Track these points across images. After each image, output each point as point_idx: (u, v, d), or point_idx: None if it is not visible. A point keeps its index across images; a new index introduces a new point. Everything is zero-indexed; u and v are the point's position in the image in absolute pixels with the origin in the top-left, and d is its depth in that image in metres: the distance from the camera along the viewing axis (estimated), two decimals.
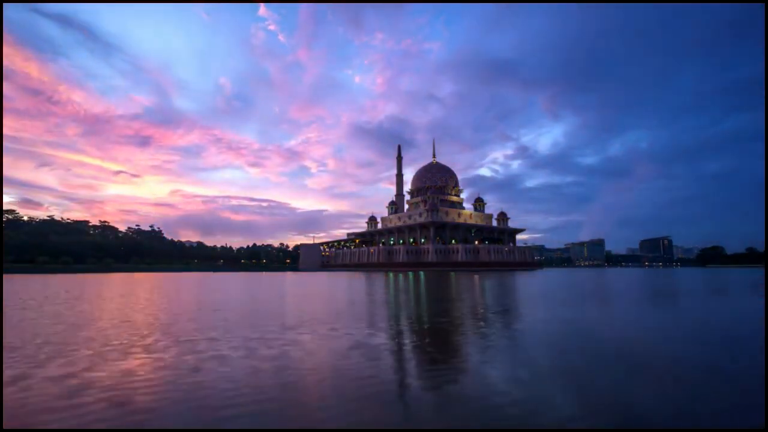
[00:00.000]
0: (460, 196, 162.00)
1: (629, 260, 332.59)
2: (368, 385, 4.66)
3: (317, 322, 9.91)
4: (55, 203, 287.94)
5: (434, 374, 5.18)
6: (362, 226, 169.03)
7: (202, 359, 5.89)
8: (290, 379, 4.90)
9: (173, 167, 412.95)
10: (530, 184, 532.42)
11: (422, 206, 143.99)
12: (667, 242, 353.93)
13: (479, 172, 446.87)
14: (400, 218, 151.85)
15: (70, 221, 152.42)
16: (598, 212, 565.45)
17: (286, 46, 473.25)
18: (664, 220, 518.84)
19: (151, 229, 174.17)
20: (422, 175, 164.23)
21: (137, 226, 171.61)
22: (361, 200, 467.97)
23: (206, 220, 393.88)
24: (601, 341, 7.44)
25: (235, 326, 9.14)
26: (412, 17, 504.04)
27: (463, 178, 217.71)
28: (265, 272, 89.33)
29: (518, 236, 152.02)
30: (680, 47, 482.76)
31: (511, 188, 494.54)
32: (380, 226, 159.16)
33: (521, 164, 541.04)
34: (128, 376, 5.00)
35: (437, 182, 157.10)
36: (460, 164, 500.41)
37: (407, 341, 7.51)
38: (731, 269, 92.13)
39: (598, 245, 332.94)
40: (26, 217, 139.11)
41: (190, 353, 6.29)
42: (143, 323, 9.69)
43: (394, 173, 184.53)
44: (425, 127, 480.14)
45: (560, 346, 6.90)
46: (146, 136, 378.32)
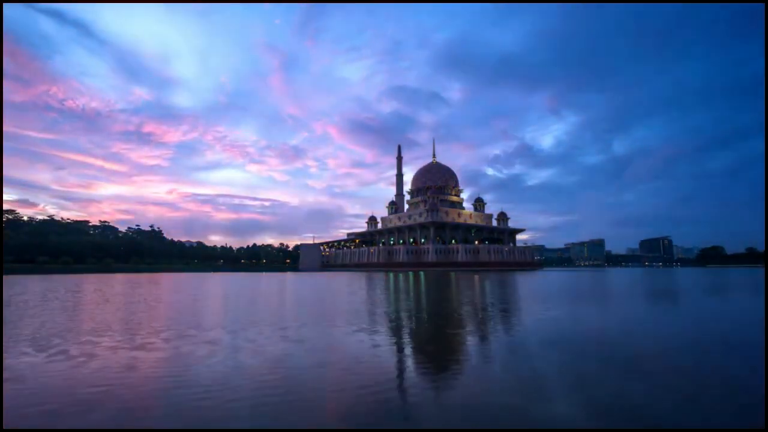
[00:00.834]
0: (460, 196, 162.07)
1: (629, 260, 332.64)
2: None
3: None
4: (51, 202, 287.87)
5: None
6: (362, 226, 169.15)
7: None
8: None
9: (173, 166, 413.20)
10: (530, 183, 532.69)
11: (422, 206, 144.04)
12: (667, 242, 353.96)
13: (479, 171, 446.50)
14: (400, 218, 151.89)
15: (70, 221, 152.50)
16: (598, 212, 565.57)
17: (287, 42, 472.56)
18: (664, 220, 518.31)
19: (151, 229, 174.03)
20: (422, 175, 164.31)
21: (137, 226, 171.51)
22: (361, 200, 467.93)
23: (206, 219, 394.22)
24: (603, 341, 7.42)
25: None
26: (412, 16, 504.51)
27: (463, 177, 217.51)
28: (264, 272, 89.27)
29: (518, 236, 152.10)
30: (684, 46, 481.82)
31: (511, 188, 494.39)
32: (380, 226, 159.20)
33: (521, 164, 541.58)
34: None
35: (437, 182, 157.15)
36: (460, 163, 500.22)
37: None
38: (731, 269, 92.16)
39: (598, 245, 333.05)
40: (26, 217, 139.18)
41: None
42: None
43: (394, 173, 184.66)
44: (426, 126, 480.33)
45: (572, 349, 6.88)
46: (145, 134, 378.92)
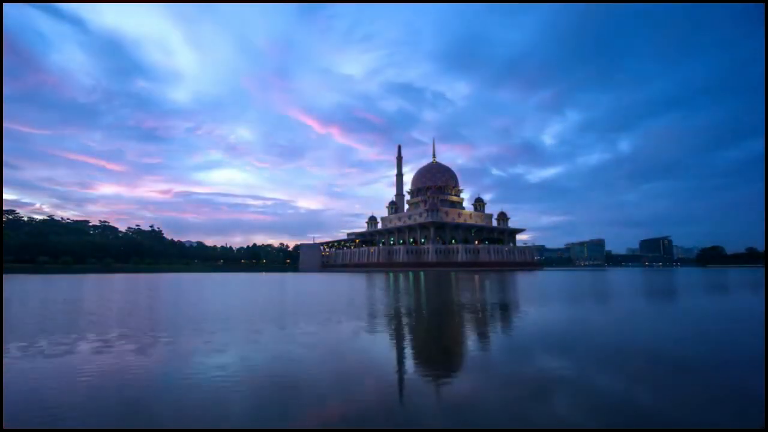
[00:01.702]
0: (460, 196, 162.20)
1: (629, 260, 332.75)
2: None
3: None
4: (47, 201, 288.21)
5: None
6: (362, 226, 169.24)
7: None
8: None
9: (172, 165, 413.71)
10: (531, 183, 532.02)
11: (422, 206, 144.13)
12: (667, 242, 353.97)
13: (480, 171, 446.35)
14: (400, 218, 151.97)
15: (70, 221, 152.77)
16: (598, 212, 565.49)
17: (288, 40, 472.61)
18: (664, 220, 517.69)
19: (151, 229, 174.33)
20: (422, 175, 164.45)
21: (137, 226, 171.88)
22: (361, 200, 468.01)
23: (205, 219, 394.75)
24: (603, 340, 7.42)
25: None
26: (413, 14, 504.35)
27: (463, 177, 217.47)
28: (264, 273, 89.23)
29: (518, 236, 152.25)
30: (686, 46, 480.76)
31: (511, 188, 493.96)
32: (380, 226, 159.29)
33: (522, 163, 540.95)
34: None
35: (437, 182, 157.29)
36: (460, 163, 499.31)
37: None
38: (731, 269, 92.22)
39: (598, 245, 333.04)
40: (26, 217, 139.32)
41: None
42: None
43: (394, 173, 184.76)
44: (426, 125, 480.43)
45: (571, 348, 6.88)
46: (145, 133, 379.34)
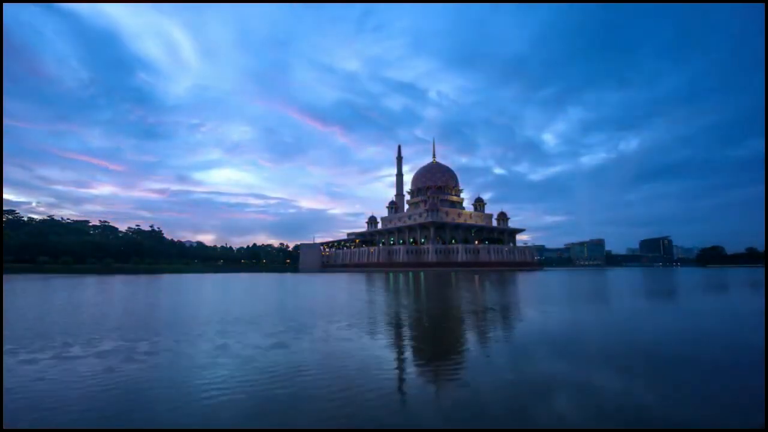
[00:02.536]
0: (460, 196, 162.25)
1: (629, 260, 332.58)
2: None
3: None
4: (44, 201, 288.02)
5: None
6: (362, 226, 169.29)
7: None
8: None
9: (172, 164, 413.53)
10: (531, 183, 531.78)
11: (422, 206, 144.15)
12: (667, 242, 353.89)
13: (480, 171, 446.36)
14: (400, 218, 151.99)
15: (70, 221, 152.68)
16: (598, 212, 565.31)
17: (288, 37, 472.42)
18: (664, 220, 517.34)
19: (151, 228, 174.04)
20: (422, 175, 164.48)
21: (137, 226, 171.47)
22: (361, 200, 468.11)
23: (205, 218, 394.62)
24: (601, 338, 7.44)
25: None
26: (415, 13, 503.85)
27: (463, 177, 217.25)
28: (263, 273, 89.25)
29: (518, 236, 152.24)
30: (691, 45, 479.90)
31: (511, 187, 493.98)
32: (380, 226, 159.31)
33: (521, 163, 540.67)
34: None
35: (437, 182, 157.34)
36: (461, 163, 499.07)
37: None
38: (731, 269, 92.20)
39: (598, 245, 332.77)
40: (26, 217, 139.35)
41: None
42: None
43: (394, 173, 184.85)
44: (427, 125, 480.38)
45: (569, 346, 6.88)
46: (144, 131, 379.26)
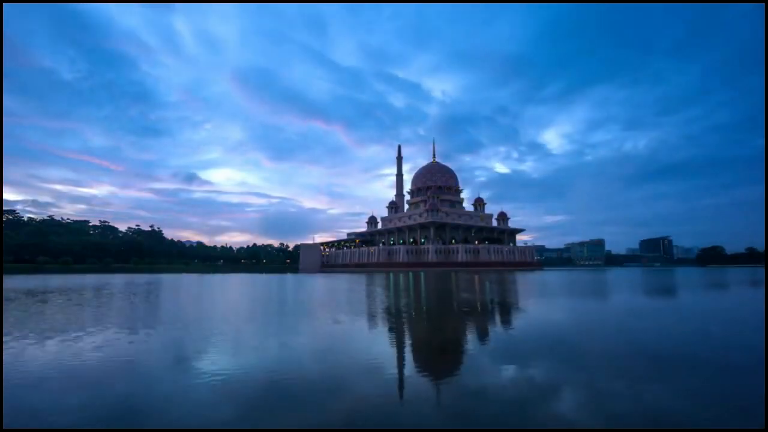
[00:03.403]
0: (460, 196, 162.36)
1: (629, 260, 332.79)
2: None
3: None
4: (44, 201, 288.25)
5: None
6: (362, 226, 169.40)
7: None
8: None
9: (172, 164, 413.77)
10: (531, 183, 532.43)
11: (422, 206, 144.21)
12: (667, 242, 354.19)
13: (480, 171, 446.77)
14: (400, 218, 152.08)
15: (70, 221, 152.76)
16: (598, 212, 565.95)
17: (289, 35, 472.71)
18: (664, 220, 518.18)
19: (151, 228, 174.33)
20: (422, 175, 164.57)
21: (137, 226, 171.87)
22: (360, 200, 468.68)
23: (205, 218, 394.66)
24: (600, 337, 7.46)
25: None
26: (415, 12, 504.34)
27: (463, 177, 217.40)
28: (263, 273, 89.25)
29: (518, 236, 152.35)
30: (691, 47, 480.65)
31: (511, 187, 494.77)
32: (380, 226, 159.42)
33: (521, 163, 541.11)
34: None
35: (437, 182, 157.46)
36: (461, 162, 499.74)
37: None
38: (731, 269, 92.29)
39: (598, 245, 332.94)
40: (26, 217, 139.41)
41: None
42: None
43: (394, 173, 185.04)
44: (427, 125, 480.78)
45: (567, 345, 6.90)
46: (144, 130, 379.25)
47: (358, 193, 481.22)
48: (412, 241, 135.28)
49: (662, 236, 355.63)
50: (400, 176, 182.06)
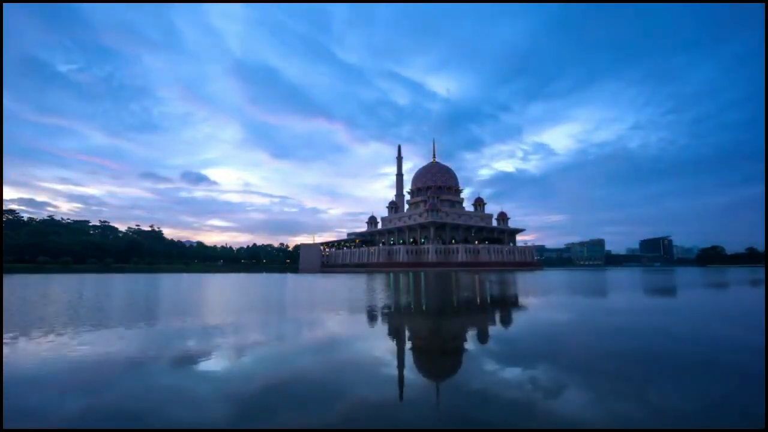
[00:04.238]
0: (460, 196, 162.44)
1: (629, 260, 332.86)
2: None
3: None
4: (43, 201, 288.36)
5: None
6: (362, 226, 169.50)
7: None
8: None
9: (172, 163, 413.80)
10: (531, 182, 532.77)
11: (422, 206, 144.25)
12: (667, 242, 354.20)
13: (479, 171, 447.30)
14: (400, 218, 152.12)
15: (70, 221, 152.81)
16: (598, 212, 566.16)
17: (289, 33, 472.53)
18: (664, 220, 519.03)
19: (151, 228, 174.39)
20: (422, 175, 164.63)
21: (137, 225, 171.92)
22: (361, 200, 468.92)
23: (205, 218, 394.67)
24: (599, 336, 7.44)
25: None
26: (416, 12, 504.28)
27: (465, 175, 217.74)
28: (263, 273, 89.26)
29: (518, 236, 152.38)
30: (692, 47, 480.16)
31: (513, 186, 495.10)
32: (380, 226, 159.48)
33: (521, 163, 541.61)
34: None
35: (437, 182, 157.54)
36: (461, 162, 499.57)
37: None
38: (731, 269, 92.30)
39: (598, 245, 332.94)
40: (26, 217, 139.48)
41: None
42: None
43: (394, 173, 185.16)
44: (427, 125, 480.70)
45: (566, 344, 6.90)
46: (143, 129, 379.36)
47: (358, 192, 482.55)
48: (412, 241, 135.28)
49: (662, 236, 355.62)
50: (400, 176, 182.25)
